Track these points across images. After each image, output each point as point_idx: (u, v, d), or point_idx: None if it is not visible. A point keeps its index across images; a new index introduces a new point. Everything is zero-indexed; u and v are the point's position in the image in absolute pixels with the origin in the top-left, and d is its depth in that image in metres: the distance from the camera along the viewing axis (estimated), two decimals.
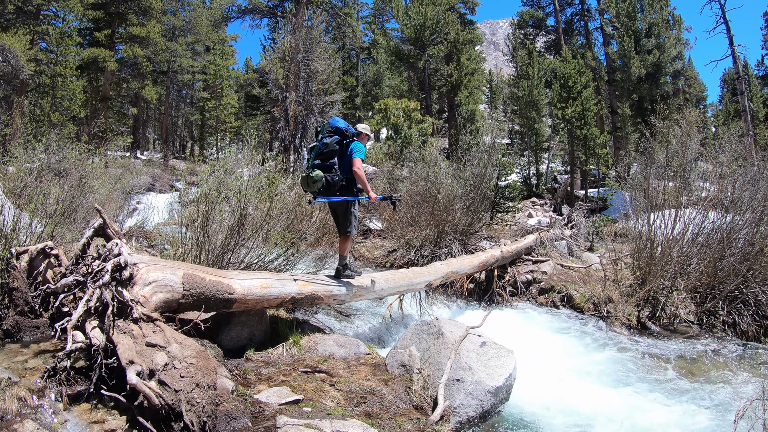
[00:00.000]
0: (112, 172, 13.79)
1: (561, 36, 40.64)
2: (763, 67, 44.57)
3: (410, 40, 32.84)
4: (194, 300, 4.88)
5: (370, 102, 35.77)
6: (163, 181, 26.89)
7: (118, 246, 4.59)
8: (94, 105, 30.50)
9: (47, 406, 3.60)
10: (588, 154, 29.96)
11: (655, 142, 12.99)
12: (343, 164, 6.72)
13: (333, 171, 6.60)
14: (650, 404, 6.16)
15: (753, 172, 10.59)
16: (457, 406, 5.14)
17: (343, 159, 6.73)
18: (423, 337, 5.97)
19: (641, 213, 10.62)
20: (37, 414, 3.50)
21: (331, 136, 6.70)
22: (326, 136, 6.70)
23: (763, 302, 9.05)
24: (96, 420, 3.62)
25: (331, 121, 6.88)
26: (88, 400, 3.77)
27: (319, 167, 6.58)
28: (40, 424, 3.39)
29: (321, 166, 6.59)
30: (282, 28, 29.97)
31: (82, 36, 31.23)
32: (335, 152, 6.66)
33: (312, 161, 6.69)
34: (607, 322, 9.46)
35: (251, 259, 7.60)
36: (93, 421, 3.60)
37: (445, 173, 14.06)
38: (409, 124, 22.39)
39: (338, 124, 6.79)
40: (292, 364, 5.46)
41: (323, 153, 6.64)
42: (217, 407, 3.95)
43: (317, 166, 6.60)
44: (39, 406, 3.56)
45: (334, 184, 6.59)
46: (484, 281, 11.34)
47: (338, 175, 6.61)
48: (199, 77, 42.43)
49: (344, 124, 6.82)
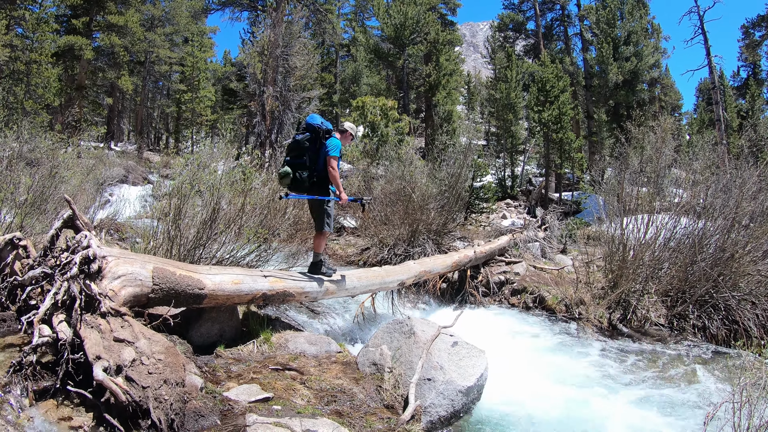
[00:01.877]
0: (85, 162, 13.58)
1: (540, 40, 41.01)
2: (739, 78, 45.38)
3: (390, 38, 32.82)
4: (164, 295, 4.80)
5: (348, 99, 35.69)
6: (136, 174, 26.47)
7: (87, 238, 4.50)
8: (69, 94, 29.84)
9: (13, 402, 3.50)
10: (563, 158, 30.28)
11: (629, 147, 13.15)
12: (317, 161, 6.74)
13: (303, 168, 6.63)
14: (620, 406, 6.21)
15: (725, 180, 10.79)
16: (429, 405, 5.13)
17: (318, 156, 6.75)
18: (395, 336, 5.96)
19: (614, 217, 10.73)
20: (2, 410, 3.41)
21: (303, 133, 6.74)
22: (299, 133, 6.76)
23: (733, 307, 9.21)
24: (62, 417, 3.52)
25: (307, 119, 6.88)
26: (55, 396, 3.66)
27: (288, 164, 6.65)
28: (4, 420, 3.30)
29: (291, 162, 6.66)
30: (262, 22, 29.72)
31: (59, 23, 30.50)
32: (306, 149, 6.67)
33: (284, 157, 6.79)
34: (578, 324, 9.55)
35: (223, 255, 7.52)
36: (59, 417, 3.50)
37: (421, 173, 14.07)
38: (386, 123, 22.36)
39: (313, 121, 6.79)
40: (263, 361, 5.41)
41: (293, 149, 6.70)
42: (185, 404, 3.89)
43: (287, 162, 6.68)
44: (4, 402, 3.47)
45: (303, 180, 6.61)
46: (457, 281, 11.39)
47: (307, 172, 6.63)
48: (177, 69, 41.80)
49: (319, 121, 6.81)
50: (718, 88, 30.24)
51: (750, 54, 37.07)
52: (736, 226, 9.88)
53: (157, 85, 44.95)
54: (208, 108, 41.66)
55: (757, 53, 36.91)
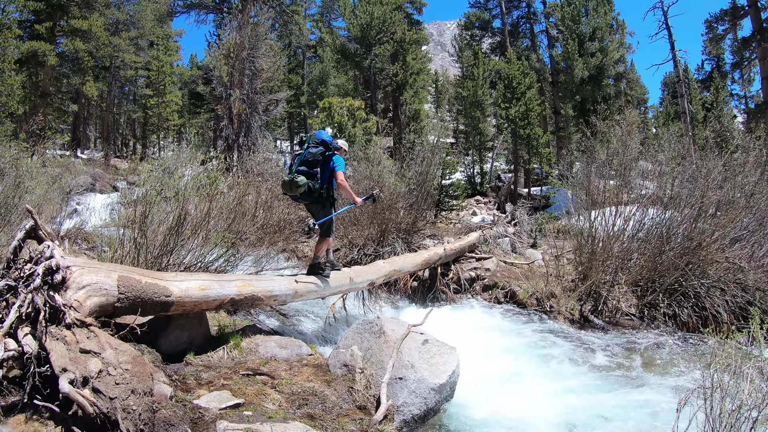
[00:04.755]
0: (51, 171, 13.36)
1: (507, 38, 41.35)
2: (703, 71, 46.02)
3: (356, 38, 32.76)
4: (130, 303, 4.75)
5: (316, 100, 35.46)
6: (104, 181, 26.04)
7: (50, 248, 4.43)
8: (33, 101, 29.16)
9: None
10: (531, 153, 30.59)
11: (596, 141, 13.31)
12: (323, 174, 7.30)
13: (315, 179, 7.20)
14: (593, 396, 6.30)
15: (691, 170, 10.99)
16: (401, 404, 5.14)
17: (324, 170, 7.31)
18: (365, 336, 5.96)
19: (583, 210, 10.87)
20: None
21: (317, 147, 7.27)
22: (312, 146, 7.29)
23: (702, 294, 9.37)
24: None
25: (317, 134, 7.44)
26: (23, 411, 3.58)
27: (303, 173, 7.15)
28: None
29: (305, 173, 7.16)
30: (228, 25, 29.46)
31: (22, 28, 29.84)
32: (318, 162, 7.22)
33: (296, 167, 7.24)
34: (550, 316, 9.66)
35: (192, 261, 7.47)
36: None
37: (389, 172, 14.06)
38: (353, 123, 22.35)
39: (324, 137, 7.37)
40: (233, 367, 5.38)
41: (309, 161, 7.21)
42: (154, 414, 3.85)
43: (302, 172, 7.16)
44: None
45: (314, 191, 7.19)
46: (428, 279, 11.42)
47: (318, 183, 7.22)
48: (142, 73, 41.21)
49: (329, 138, 7.43)
50: (682, 82, 30.76)
51: (714, 48, 37.67)
52: (702, 215, 10.05)
53: (123, 90, 44.33)
54: (174, 112, 41.13)
55: (720, 47, 37.53)
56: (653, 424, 5.42)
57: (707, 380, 3.84)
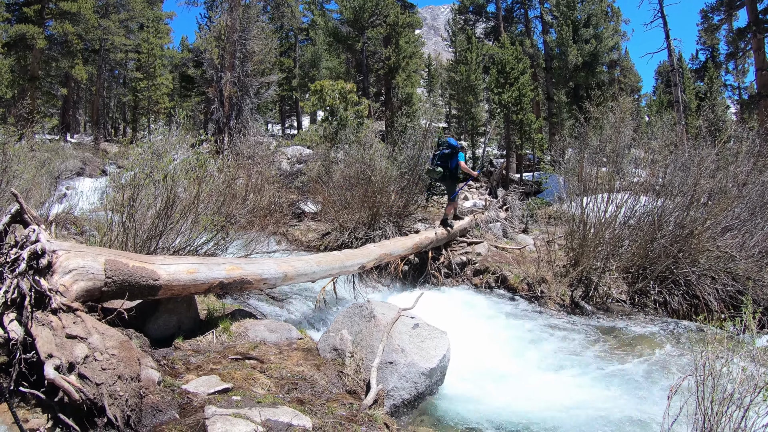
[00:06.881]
0: (39, 156, 13.23)
1: (501, 23, 41.17)
2: (697, 61, 46.28)
3: (349, 21, 32.49)
4: (117, 287, 4.69)
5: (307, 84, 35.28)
6: (94, 166, 25.89)
7: (35, 232, 4.36)
8: (22, 85, 28.90)
9: None
10: (524, 139, 30.56)
11: (589, 127, 13.28)
12: (452, 164, 11.34)
13: (447, 168, 11.38)
14: (583, 383, 6.30)
15: (684, 158, 10.99)
16: (391, 389, 5.12)
17: (452, 161, 11.31)
18: (355, 320, 5.93)
19: (575, 196, 10.87)
20: None
21: (448, 149, 11.32)
22: (445, 149, 11.37)
23: (693, 282, 9.42)
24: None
25: (448, 140, 11.47)
26: (10, 398, 3.55)
27: (441, 166, 11.35)
28: None
29: (442, 165, 11.36)
30: (219, 6, 29.18)
31: (11, 11, 29.52)
32: (448, 157, 11.33)
33: (436, 162, 11.42)
34: (540, 302, 9.66)
35: (181, 244, 7.41)
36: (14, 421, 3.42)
37: (381, 156, 13.99)
38: (345, 107, 22.17)
39: (452, 142, 11.37)
40: (222, 351, 5.33)
41: (443, 158, 11.37)
42: (142, 400, 3.81)
43: (440, 165, 11.37)
44: None
45: (447, 175, 11.49)
46: (419, 263, 11.40)
47: (449, 170, 11.41)
48: (132, 56, 40.82)
49: (455, 142, 11.41)
50: (676, 71, 30.68)
51: (708, 37, 37.66)
52: (694, 203, 10.07)
53: (113, 73, 43.88)
54: (165, 96, 40.84)
55: (715, 37, 37.56)
56: (643, 410, 5.41)
57: (699, 368, 3.83)
